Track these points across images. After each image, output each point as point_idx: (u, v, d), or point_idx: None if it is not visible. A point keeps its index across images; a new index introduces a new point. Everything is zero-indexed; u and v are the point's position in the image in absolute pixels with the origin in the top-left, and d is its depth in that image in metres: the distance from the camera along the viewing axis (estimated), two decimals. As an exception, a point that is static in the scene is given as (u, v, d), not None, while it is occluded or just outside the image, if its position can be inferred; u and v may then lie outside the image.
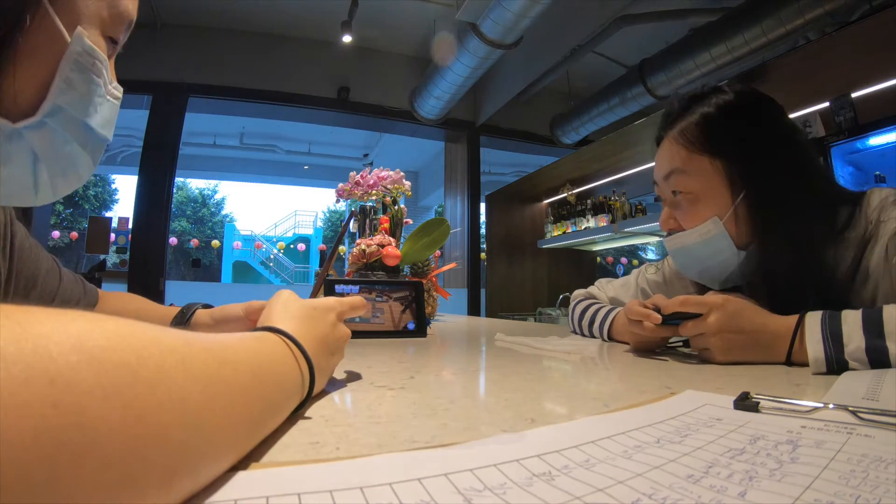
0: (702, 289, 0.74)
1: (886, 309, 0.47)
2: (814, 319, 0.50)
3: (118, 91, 0.41)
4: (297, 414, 0.30)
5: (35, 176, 0.36)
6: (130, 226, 4.08)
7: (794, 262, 0.62)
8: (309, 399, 0.31)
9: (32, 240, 0.57)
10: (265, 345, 0.28)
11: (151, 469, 0.15)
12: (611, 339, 0.79)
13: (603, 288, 0.98)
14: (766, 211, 0.63)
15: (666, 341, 0.67)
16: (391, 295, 0.90)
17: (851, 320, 0.47)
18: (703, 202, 0.65)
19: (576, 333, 0.91)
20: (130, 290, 3.58)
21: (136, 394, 0.15)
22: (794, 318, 0.52)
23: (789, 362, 0.51)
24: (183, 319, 0.60)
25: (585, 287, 1.01)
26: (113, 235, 4.15)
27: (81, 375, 0.14)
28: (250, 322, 0.56)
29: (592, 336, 0.84)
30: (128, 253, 4.03)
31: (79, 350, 0.14)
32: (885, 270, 0.57)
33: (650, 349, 0.66)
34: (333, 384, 0.42)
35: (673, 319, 0.58)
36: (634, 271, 0.96)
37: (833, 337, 0.47)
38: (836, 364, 0.46)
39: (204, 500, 0.18)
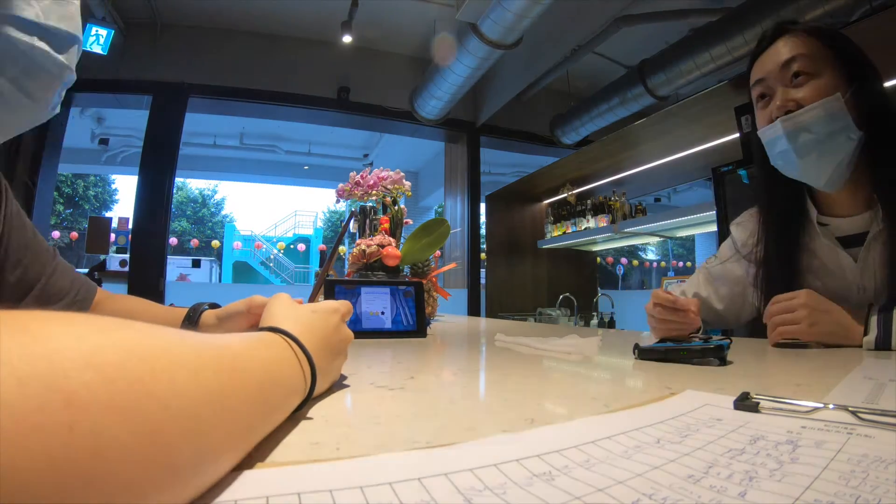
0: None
1: None
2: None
3: None
4: (298, 414, 0.30)
5: None
6: (130, 226, 4.08)
7: None
8: (309, 400, 0.31)
9: (28, 220, 0.57)
10: (271, 349, 0.28)
11: (161, 487, 0.15)
12: None
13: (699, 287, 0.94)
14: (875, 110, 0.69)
15: (693, 332, 0.72)
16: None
17: None
18: (825, 80, 0.70)
19: None
20: (130, 290, 3.58)
21: (149, 412, 0.15)
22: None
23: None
24: (191, 321, 0.60)
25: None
26: (113, 236, 4.15)
27: (97, 395, 0.13)
28: (253, 317, 0.57)
29: None
30: (128, 253, 4.03)
31: (94, 367, 0.14)
32: None
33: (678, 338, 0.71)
34: (333, 384, 0.42)
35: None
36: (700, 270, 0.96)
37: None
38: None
39: (204, 500, 0.18)
